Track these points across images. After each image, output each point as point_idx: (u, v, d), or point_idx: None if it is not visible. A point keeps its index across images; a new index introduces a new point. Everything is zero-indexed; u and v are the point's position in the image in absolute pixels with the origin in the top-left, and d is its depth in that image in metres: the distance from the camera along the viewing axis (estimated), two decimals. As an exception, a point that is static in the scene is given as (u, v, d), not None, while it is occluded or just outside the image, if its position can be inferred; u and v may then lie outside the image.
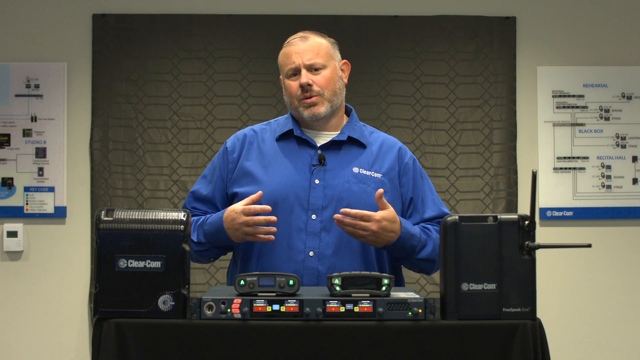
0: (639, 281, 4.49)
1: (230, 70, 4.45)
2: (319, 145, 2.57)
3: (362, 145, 2.60)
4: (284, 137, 2.60)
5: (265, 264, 2.47)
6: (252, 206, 2.38)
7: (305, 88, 2.53)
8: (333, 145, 2.58)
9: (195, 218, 2.55)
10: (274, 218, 2.37)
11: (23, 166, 4.40)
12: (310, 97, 2.53)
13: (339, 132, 2.60)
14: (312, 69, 2.55)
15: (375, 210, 2.40)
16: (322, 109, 2.54)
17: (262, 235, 2.38)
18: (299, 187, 2.50)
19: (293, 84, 2.56)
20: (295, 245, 2.47)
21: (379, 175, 2.56)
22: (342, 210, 2.37)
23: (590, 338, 4.46)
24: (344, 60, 2.65)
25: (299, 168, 2.53)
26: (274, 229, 2.38)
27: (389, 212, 2.39)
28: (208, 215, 2.54)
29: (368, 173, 2.55)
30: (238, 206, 2.41)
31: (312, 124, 2.60)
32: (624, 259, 4.49)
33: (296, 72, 2.56)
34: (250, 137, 2.63)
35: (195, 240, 2.52)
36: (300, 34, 2.62)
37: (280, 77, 2.65)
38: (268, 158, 2.57)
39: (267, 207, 2.36)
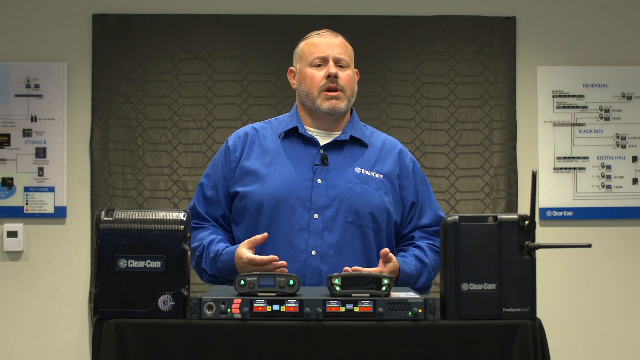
0: (639, 281, 4.49)
1: (230, 70, 4.45)
2: (321, 144, 2.57)
3: (363, 145, 2.61)
4: (287, 135, 2.60)
5: None
6: (260, 257, 2.34)
7: (332, 79, 2.53)
8: (335, 144, 2.58)
9: (206, 241, 2.52)
10: (283, 263, 2.33)
11: (23, 166, 4.40)
12: (335, 90, 2.54)
13: (340, 132, 2.61)
14: (339, 64, 2.56)
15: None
16: (342, 104, 2.55)
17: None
18: (301, 186, 2.50)
19: (317, 74, 2.55)
20: (298, 245, 2.47)
21: (380, 176, 2.57)
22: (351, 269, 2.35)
23: (590, 338, 4.45)
24: (356, 70, 2.66)
25: (302, 167, 2.53)
26: (284, 263, 2.34)
27: (392, 266, 2.39)
28: (217, 248, 2.49)
29: (370, 173, 2.56)
30: (245, 253, 2.37)
31: (317, 123, 2.60)
32: (624, 259, 4.49)
33: (322, 63, 2.55)
34: (252, 135, 2.62)
35: (209, 272, 2.51)
36: (327, 30, 2.62)
37: (294, 67, 2.64)
38: (270, 156, 2.56)
39: (274, 257, 2.32)
